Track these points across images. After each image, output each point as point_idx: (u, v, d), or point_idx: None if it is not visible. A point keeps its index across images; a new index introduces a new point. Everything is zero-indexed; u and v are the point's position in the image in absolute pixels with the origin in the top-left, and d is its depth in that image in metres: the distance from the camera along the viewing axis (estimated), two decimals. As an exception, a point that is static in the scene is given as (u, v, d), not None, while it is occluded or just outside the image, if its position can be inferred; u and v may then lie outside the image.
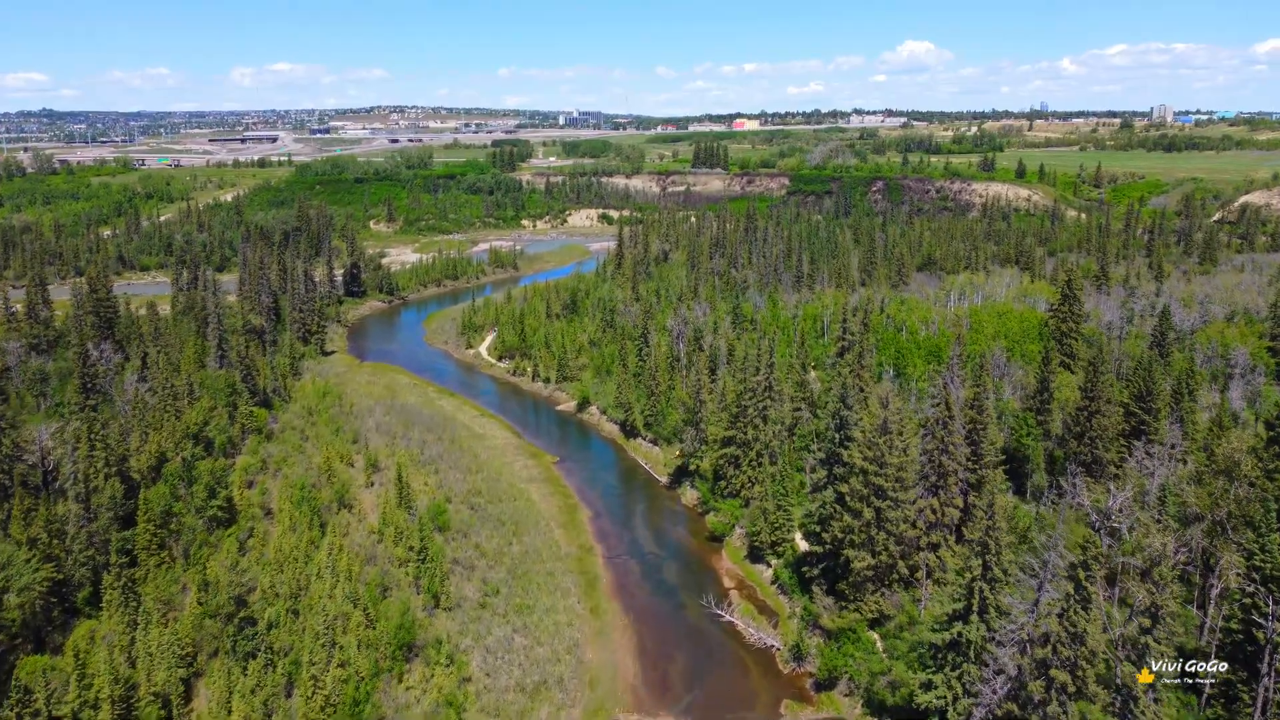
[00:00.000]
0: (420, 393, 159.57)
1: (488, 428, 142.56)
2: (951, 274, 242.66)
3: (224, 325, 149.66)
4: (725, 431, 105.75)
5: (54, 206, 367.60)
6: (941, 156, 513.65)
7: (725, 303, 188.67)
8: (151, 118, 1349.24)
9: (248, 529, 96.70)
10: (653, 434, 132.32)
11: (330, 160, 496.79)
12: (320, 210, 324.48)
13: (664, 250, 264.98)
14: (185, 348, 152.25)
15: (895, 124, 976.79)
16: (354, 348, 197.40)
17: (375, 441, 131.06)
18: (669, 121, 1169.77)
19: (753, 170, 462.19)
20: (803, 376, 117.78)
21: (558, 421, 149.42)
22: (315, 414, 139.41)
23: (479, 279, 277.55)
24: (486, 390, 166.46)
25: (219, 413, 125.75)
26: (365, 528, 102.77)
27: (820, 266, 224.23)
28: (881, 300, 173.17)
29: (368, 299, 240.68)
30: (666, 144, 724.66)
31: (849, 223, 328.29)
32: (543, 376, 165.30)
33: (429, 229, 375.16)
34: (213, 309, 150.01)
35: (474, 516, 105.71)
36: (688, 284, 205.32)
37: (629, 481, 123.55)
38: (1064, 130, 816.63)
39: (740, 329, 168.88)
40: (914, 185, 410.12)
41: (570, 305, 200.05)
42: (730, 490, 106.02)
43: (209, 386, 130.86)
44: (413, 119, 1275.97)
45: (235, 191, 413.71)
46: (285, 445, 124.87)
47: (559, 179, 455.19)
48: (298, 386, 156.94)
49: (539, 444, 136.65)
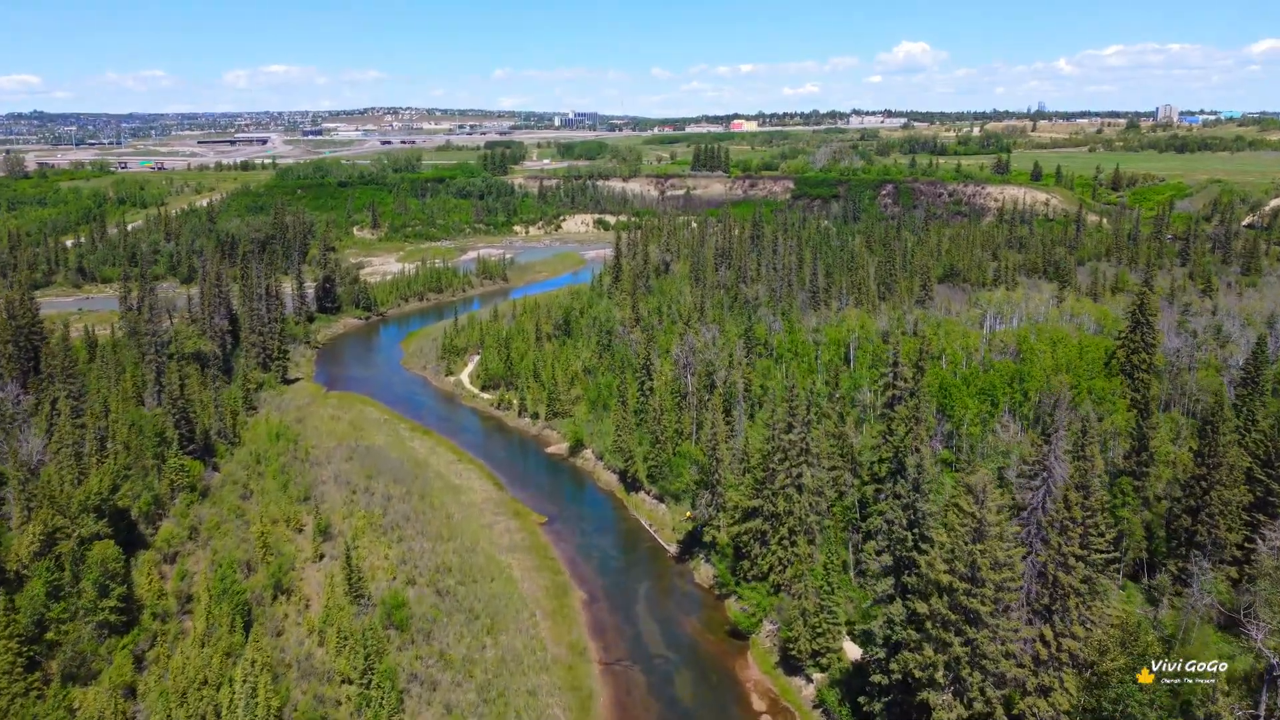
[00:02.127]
0: (390, 430, 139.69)
1: (466, 476, 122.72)
2: (976, 286, 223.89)
3: (162, 354, 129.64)
4: (749, 500, 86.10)
5: (18, 213, 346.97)
6: (949, 158, 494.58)
7: (736, 324, 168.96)
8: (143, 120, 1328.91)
9: (151, 635, 76.79)
10: (658, 488, 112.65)
11: (314, 163, 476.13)
12: (298, 217, 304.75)
13: (665, 260, 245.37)
14: (123, 382, 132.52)
15: (895, 124, 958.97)
16: (322, 374, 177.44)
17: (332, 497, 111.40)
18: (666, 123, 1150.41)
19: (755, 173, 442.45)
20: (839, 428, 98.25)
21: (547, 467, 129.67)
22: (264, 462, 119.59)
23: (466, 292, 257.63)
24: (467, 426, 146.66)
25: (140, 469, 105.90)
26: (304, 624, 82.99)
27: (836, 279, 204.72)
28: (914, 323, 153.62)
29: (342, 315, 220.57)
30: (664, 145, 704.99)
31: (860, 228, 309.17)
32: (530, 411, 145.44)
33: (416, 236, 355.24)
34: (148, 334, 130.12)
35: (441, 605, 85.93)
36: (693, 301, 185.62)
37: (631, 550, 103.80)
38: (1069, 130, 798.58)
39: (753, 354, 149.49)
40: (925, 188, 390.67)
41: (563, 325, 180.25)
42: (756, 572, 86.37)
43: (135, 434, 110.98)
44: (406, 120, 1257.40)
45: (213, 196, 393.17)
46: (221, 506, 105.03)
47: (553, 182, 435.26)
48: (250, 425, 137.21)
49: (524, 498, 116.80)
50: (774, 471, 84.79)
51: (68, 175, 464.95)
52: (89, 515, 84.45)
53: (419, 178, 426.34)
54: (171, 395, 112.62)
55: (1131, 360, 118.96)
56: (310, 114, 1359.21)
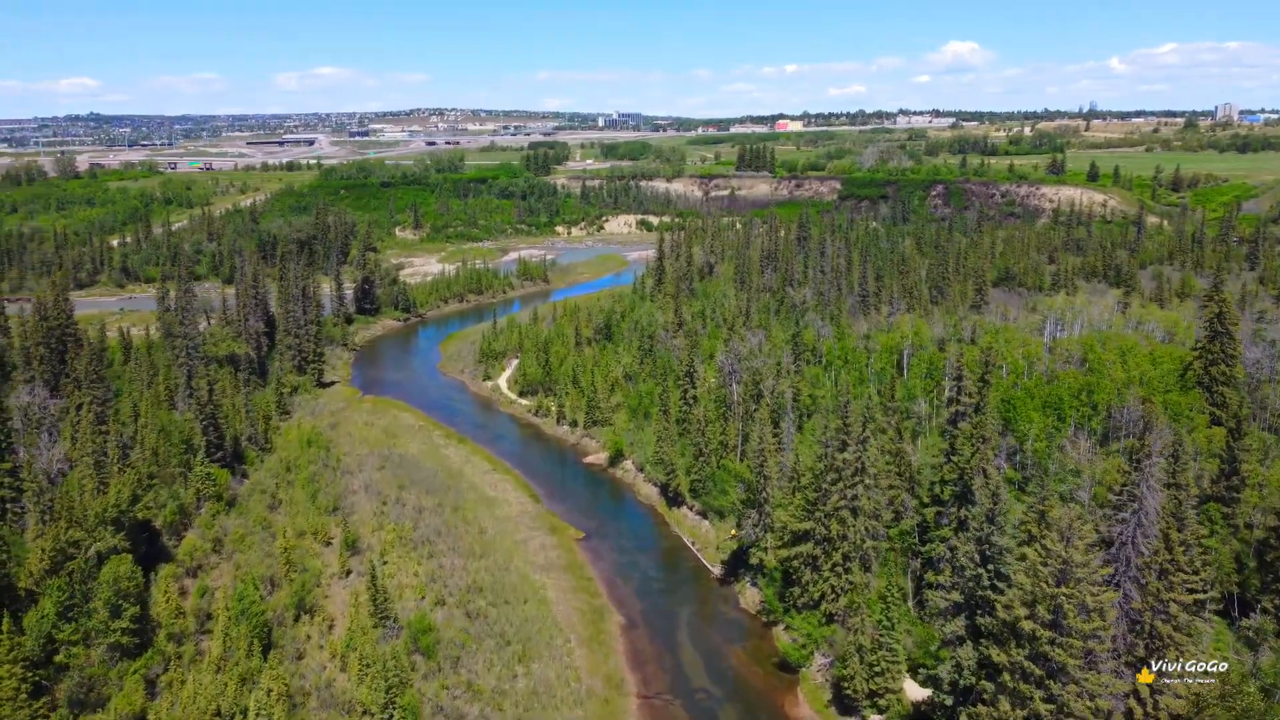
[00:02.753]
0: (425, 438, 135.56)
1: (500, 487, 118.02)
2: (1033, 290, 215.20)
3: (194, 357, 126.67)
4: (799, 523, 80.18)
5: (67, 213, 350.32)
6: (1000, 158, 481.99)
7: (782, 329, 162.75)
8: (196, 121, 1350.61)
9: (165, 658, 72.80)
10: (701, 503, 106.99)
11: (357, 164, 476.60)
12: (340, 217, 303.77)
13: (709, 262, 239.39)
14: (155, 385, 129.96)
15: (943, 124, 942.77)
16: (358, 377, 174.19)
17: (362, 508, 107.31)
18: (710, 123, 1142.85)
19: (801, 173, 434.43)
20: (897, 444, 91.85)
21: (585, 479, 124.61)
22: (294, 470, 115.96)
23: (506, 293, 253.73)
24: (503, 434, 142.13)
25: (167, 477, 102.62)
26: (327, 647, 78.66)
27: (886, 283, 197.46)
28: (972, 330, 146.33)
29: (381, 317, 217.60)
30: (708, 146, 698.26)
31: (909, 230, 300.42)
32: (569, 419, 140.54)
33: (457, 236, 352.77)
34: (180, 336, 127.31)
35: (470, 630, 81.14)
36: (738, 305, 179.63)
37: (672, 570, 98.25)
38: (1124, 130, 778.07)
39: (801, 360, 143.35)
40: (977, 189, 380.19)
41: (603, 329, 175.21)
42: (806, 600, 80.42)
43: (164, 440, 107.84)
44: (451, 121, 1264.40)
45: (257, 196, 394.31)
46: (248, 517, 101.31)
47: (596, 183, 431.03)
48: (283, 430, 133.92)
49: (561, 511, 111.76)
50: (826, 492, 78.80)
51: (117, 175, 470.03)
52: (107, 528, 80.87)
53: (461, 178, 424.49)
54: (200, 401, 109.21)
55: (1210, 372, 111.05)
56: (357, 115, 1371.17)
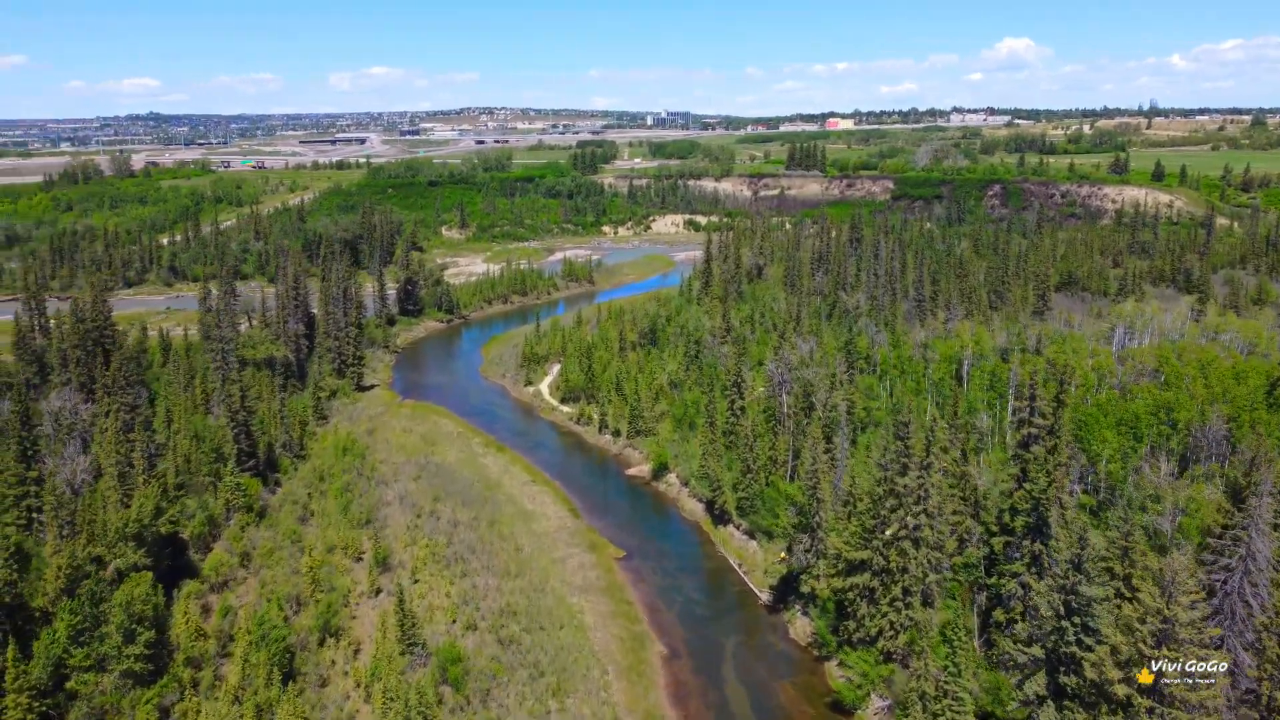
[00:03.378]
0: (463, 445, 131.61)
1: (539, 500, 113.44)
2: (1097, 295, 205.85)
3: (229, 360, 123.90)
4: (855, 552, 74.33)
5: (119, 211, 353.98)
6: (1059, 157, 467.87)
7: (835, 336, 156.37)
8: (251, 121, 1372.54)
9: (181, 685, 69.10)
10: (749, 522, 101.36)
11: (405, 162, 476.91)
12: (386, 216, 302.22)
13: (758, 264, 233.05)
14: (192, 389, 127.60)
15: (998, 122, 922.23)
16: (399, 380, 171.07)
17: (395, 521, 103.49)
18: (759, 121, 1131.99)
19: (853, 173, 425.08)
20: (961, 466, 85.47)
21: (627, 492, 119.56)
22: (327, 479, 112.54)
23: (550, 294, 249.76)
24: (544, 442, 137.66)
25: (197, 487, 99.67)
26: (352, 674, 74.56)
27: (943, 286, 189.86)
28: (1037, 339, 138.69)
29: (424, 318, 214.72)
30: (757, 144, 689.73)
31: (966, 231, 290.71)
32: (612, 428, 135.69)
33: (503, 236, 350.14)
34: (216, 339, 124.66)
35: (502, 659, 76.47)
36: (788, 310, 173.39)
37: (717, 595, 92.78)
38: (1188, 128, 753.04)
39: (854, 368, 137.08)
40: (1035, 189, 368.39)
41: (648, 334, 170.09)
42: (862, 635, 74.56)
43: (197, 447, 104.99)
44: (501, 120, 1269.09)
45: (306, 195, 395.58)
46: (278, 530, 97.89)
47: (643, 182, 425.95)
48: (319, 436, 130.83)
49: (601, 527, 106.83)
50: (885, 519, 72.87)
51: (170, 174, 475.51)
52: (127, 544, 77.64)
53: (508, 177, 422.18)
54: (231, 407, 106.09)
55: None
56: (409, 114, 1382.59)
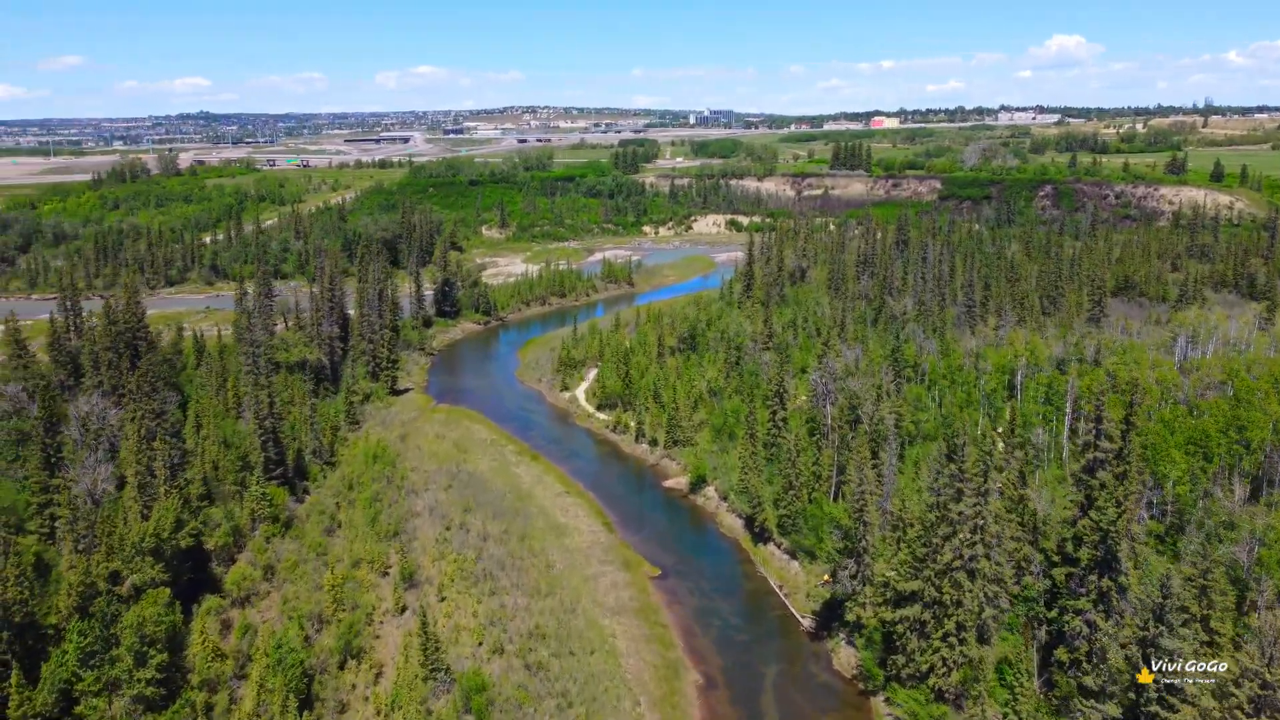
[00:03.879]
0: (496, 453, 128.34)
1: (572, 513, 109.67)
2: (1155, 301, 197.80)
3: (259, 364, 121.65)
4: (905, 582, 69.55)
5: (165, 210, 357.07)
6: (1112, 156, 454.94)
7: (881, 343, 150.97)
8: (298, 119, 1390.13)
9: (194, 711, 66.20)
10: (790, 541, 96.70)
11: (446, 161, 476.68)
12: (426, 215, 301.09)
13: (801, 267, 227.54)
14: (224, 393, 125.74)
15: (1048, 121, 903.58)
16: (434, 384, 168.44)
17: (424, 534, 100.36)
18: (802, 120, 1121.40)
19: (899, 172, 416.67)
20: (1019, 490, 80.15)
21: (664, 505, 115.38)
22: (356, 488, 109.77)
23: (589, 296, 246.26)
24: (579, 451, 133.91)
25: (223, 496, 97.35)
26: (372, 700, 71.27)
27: (995, 291, 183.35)
28: (1095, 350, 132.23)
29: (461, 320, 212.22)
30: (800, 143, 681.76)
31: (1016, 233, 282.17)
32: (649, 436, 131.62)
33: (543, 235, 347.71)
34: (248, 342, 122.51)
35: (529, 686, 72.74)
36: (832, 315, 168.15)
37: (757, 619, 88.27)
38: (1246, 126, 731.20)
39: (901, 376, 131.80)
40: (1088, 190, 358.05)
41: (688, 339, 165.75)
42: (912, 670, 69.75)
43: (225, 454, 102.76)
44: (544, 119, 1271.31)
45: (347, 194, 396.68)
46: (303, 541, 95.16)
47: (685, 181, 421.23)
48: (351, 442, 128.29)
49: (636, 543, 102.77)
50: (938, 548, 68.02)
51: (216, 173, 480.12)
52: (144, 559, 75.10)
53: (549, 176, 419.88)
54: (259, 414, 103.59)
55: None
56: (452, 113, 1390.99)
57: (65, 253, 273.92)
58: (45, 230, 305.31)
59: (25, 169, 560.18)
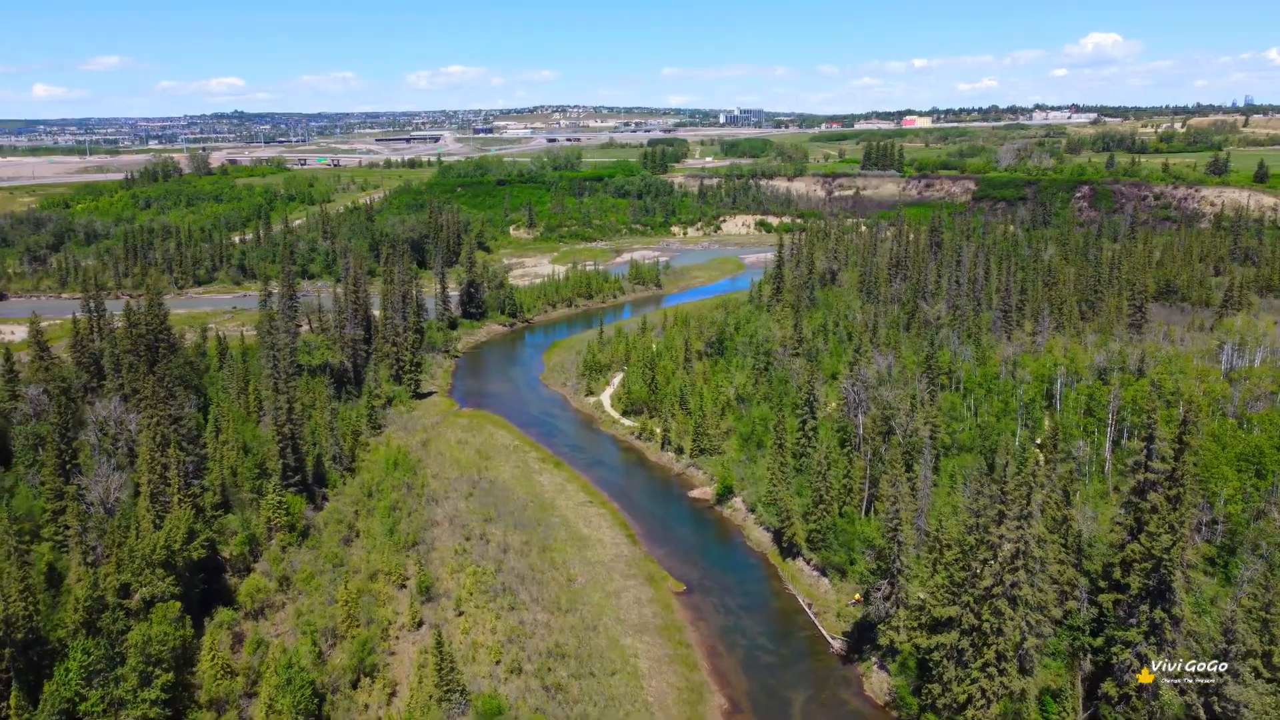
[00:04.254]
0: (519, 460, 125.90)
1: (595, 523, 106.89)
2: (1198, 306, 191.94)
3: (279, 369, 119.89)
4: (942, 608, 66.07)
5: (195, 209, 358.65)
6: (1150, 156, 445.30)
7: (914, 349, 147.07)
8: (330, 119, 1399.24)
9: (200, 732, 64.17)
10: (820, 558, 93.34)
11: (474, 161, 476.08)
12: (453, 215, 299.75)
13: (831, 269, 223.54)
14: (247, 396, 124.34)
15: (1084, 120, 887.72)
16: (458, 387, 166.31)
17: (443, 544, 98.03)
18: (833, 119, 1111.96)
19: (931, 172, 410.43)
20: (1063, 510, 76.30)
21: (690, 516, 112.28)
22: (376, 496, 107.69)
23: (616, 298, 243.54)
24: (603, 459, 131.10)
25: (240, 503, 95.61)
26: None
27: (1031, 295, 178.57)
28: (1139, 358, 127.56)
29: (486, 322, 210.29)
30: (831, 142, 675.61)
31: (1053, 235, 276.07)
32: (674, 444, 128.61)
33: (571, 236, 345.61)
34: (268, 345, 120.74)
35: (547, 709, 70.02)
36: (864, 320, 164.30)
37: (785, 639, 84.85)
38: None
39: (935, 385, 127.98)
40: (1127, 191, 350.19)
41: (715, 344, 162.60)
42: (949, 701, 66.20)
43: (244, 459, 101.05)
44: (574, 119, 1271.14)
45: (377, 194, 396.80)
46: (320, 552, 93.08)
47: (714, 181, 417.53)
48: (372, 447, 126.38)
49: (661, 556, 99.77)
50: (977, 573, 64.48)
51: (247, 172, 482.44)
52: (154, 571, 73.17)
53: (577, 176, 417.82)
54: (278, 420, 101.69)
55: None
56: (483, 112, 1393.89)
57: (95, 252, 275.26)
58: (77, 229, 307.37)
59: (61, 168, 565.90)
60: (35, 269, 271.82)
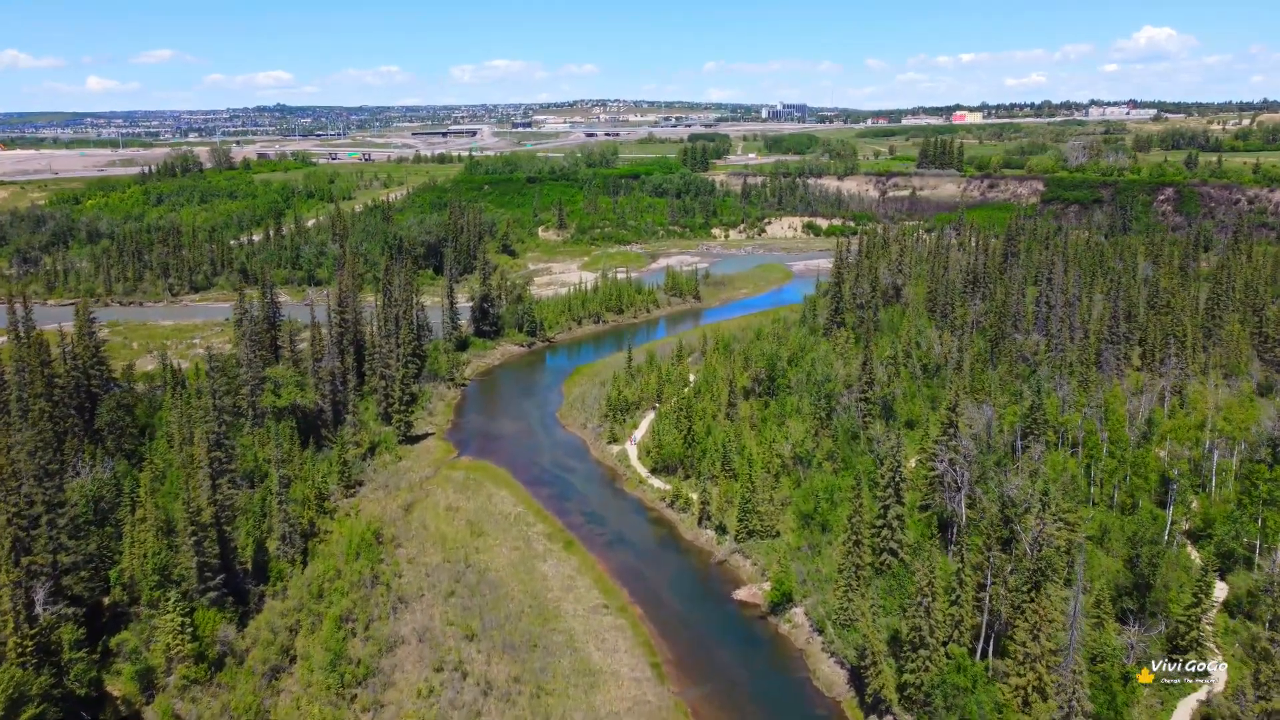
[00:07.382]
0: (520, 536, 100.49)
1: (611, 642, 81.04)
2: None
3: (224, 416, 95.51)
4: None
5: (209, 206, 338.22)
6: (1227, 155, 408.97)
7: (1005, 389, 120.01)
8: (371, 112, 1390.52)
9: None
10: (917, 715, 67.02)
11: (504, 157, 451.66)
12: (476, 216, 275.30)
13: (895, 284, 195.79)
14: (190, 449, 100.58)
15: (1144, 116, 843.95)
16: (459, 426, 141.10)
17: (405, 677, 73.12)
18: (879, 114, 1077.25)
19: (995, 172, 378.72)
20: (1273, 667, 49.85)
21: (736, 631, 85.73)
22: (328, 596, 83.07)
23: (650, 312, 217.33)
24: (626, 534, 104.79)
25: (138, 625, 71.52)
26: None
27: (1143, 321, 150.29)
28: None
29: (501, 341, 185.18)
30: (879, 139, 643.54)
31: (1139, 244, 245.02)
32: (715, 520, 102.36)
33: (603, 238, 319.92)
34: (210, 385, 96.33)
35: None
36: (942, 351, 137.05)
37: None
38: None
39: (1036, 436, 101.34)
40: (1216, 194, 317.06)
41: (765, 380, 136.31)
42: None
43: (147, 558, 76.91)
44: (614, 113, 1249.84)
45: (400, 191, 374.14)
46: (232, 695, 68.44)
47: (758, 180, 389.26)
48: (339, 518, 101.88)
49: (698, 701, 73.31)
50: None
51: (269, 166, 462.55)
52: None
53: (612, 173, 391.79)
54: (189, 505, 76.77)
55: None
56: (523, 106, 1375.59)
57: (92, 254, 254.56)
58: (80, 228, 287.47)
59: (91, 160, 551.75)
60: (25, 271, 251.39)
